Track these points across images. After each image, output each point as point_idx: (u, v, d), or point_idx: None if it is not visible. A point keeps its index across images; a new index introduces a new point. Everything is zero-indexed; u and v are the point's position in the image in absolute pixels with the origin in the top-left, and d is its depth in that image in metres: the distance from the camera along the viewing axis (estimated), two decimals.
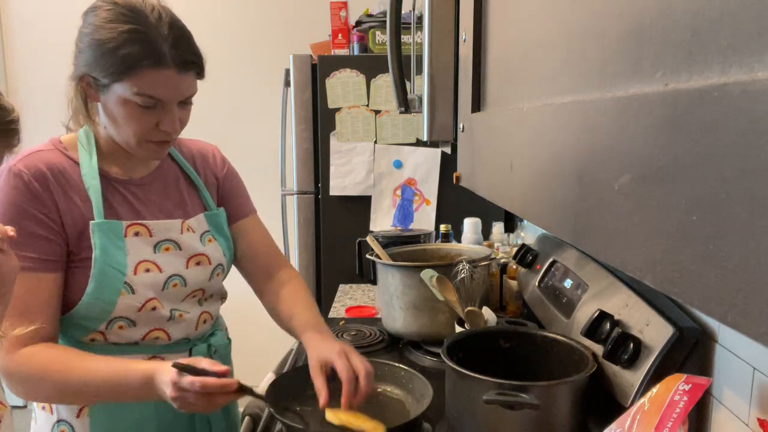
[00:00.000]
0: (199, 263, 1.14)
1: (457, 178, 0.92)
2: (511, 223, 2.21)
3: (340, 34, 2.31)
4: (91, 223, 1.03)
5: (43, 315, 0.99)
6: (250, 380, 1.24)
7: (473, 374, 0.91)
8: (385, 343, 1.52)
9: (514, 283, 1.62)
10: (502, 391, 0.87)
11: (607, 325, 0.95)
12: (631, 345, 0.89)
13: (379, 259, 1.53)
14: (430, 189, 2.22)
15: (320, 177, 2.25)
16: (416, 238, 1.83)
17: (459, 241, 1.88)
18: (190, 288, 1.13)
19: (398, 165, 2.21)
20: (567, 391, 0.92)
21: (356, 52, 2.28)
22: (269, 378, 1.25)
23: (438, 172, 2.20)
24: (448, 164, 2.18)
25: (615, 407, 0.89)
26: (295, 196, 2.29)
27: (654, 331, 0.88)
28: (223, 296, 1.26)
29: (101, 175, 1.07)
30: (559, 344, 1.05)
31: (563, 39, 0.46)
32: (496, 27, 0.70)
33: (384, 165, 2.21)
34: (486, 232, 2.01)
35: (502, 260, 1.70)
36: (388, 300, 1.49)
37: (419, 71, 1.02)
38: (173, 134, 1.05)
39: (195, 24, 1.12)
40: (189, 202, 1.18)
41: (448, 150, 1.14)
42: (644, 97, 0.31)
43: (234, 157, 1.33)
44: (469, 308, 1.29)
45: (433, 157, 2.19)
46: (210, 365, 0.93)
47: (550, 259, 1.41)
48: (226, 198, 1.26)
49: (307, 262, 2.30)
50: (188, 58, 1.00)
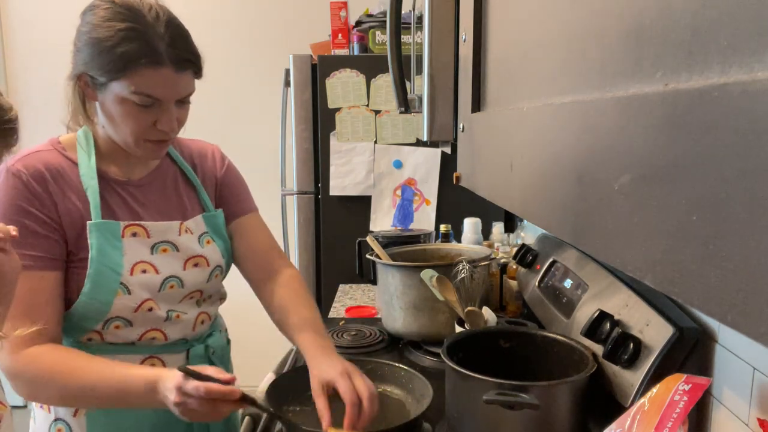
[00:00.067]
0: (197, 265, 1.14)
1: (457, 178, 0.92)
2: (511, 223, 2.21)
3: (340, 34, 2.31)
4: (88, 223, 1.03)
5: (46, 313, 0.99)
6: (250, 380, 1.24)
7: (473, 374, 0.91)
8: (385, 343, 1.52)
9: (514, 283, 1.62)
10: (502, 391, 0.87)
11: (607, 325, 0.95)
12: (631, 345, 0.89)
13: (379, 259, 1.53)
14: (430, 189, 2.22)
15: (320, 177, 2.25)
16: (416, 238, 1.83)
17: (459, 241, 1.88)
18: (188, 289, 1.13)
19: (398, 165, 2.21)
20: (567, 391, 0.92)
21: (356, 52, 2.28)
22: (269, 378, 1.25)
23: (438, 172, 2.20)
24: (448, 164, 2.18)
25: (615, 407, 0.89)
26: (295, 196, 2.29)
27: (654, 331, 0.88)
28: (223, 297, 1.26)
29: (99, 176, 1.07)
30: (559, 344, 1.05)
31: (563, 39, 0.46)
32: (496, 27, 0.70)
33: (384, 165, 2.21)
34: (486, 232, 2.01)
35: (502, 260, 1.70)
36: (388, 300, 1.49)
37: (419, 71, 1.02)
38: (171, 133, 1.05)
39: (194, 24, 1.12)
40: (188, 203, 1.18)
41: (448, 150, 1.14)
42: (644, 97, 0.31)
43: (234, 157, 1.32)
44: (469, 308, 1.29)
45: (433, 157, 2.19)
46: (216, 373, 0.93)
47: (550, 259, 1.41)
48: (225, 196, 1.25)
49: (307, 262, 2.30)
50: (185, 57, 1.00)
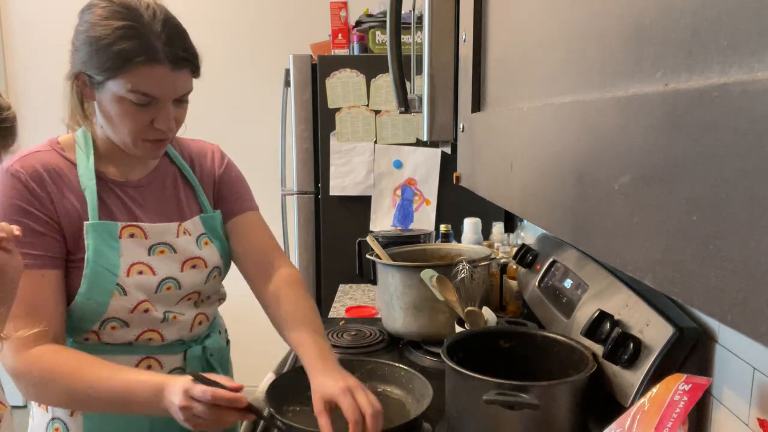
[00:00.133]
0: (194, 266, 1.14)
1: (457, 178, 0.92)
2: (511, 223, 2.21)
3: (340, 34, 2.31)
4: (85, 223, 1.03)
5: (48, 311, 0.99)
6: (250, 380, 1.24)
7: (473, 374, 0.91)
8: (385, 343, 1.52)
9: (514, 283, 1.62)
10: (502, 391, 0.87)
11: (607, 325, 0.95)
12: (631, 345, 0.89)
13: (379, 259, 1.53)
14: (430, 189, 2.22)
15: (320, 177, 2.25)
16: (416, 238, 1.83)
17: (459, 241, 1.88)
18: (185, 291, 1.13)
19: (398, 165, 2.21)
20: (567, 391, 0.92)
21: (356, 52, 2.28)
22: (269, 378, 1.25)
23: (438, 172, 2.20)
24: (448, 164, 2.18)
25: (615, 407, 0.89)
26: (295, 196, 2.29)
27: (654, 331, 0.88)
28: (222, 297, 1.26)
29: (98, 177, 1.07)
30: (559, 344, 1.05)
31: (563, 39, 0.46)
32: (496, 27, 0.70)
33: (384, 165, 2.21)
34: (486, 232, 2.01)
35: (502, 260, 1.70)
36: (388, 300, 1.49)
37: (419, 71, 1.02)
38: (169, 133, 1.05)
39: (195, 24, 1.12)
40: (186, 204, 1.17)
41: (448, 150, 1.14)
42: (644, 97, 0.31)
43: (234, 157, 1.32)
44: (469, 308, 1.29)
45: (433, 157, 2.19)
46: (225, 381, 0.93)
47: (550, 259, 1.41)
48: (224, 194, 1.23)
49: (307, 262, 2.30)
50: (182, 55, 0.99)
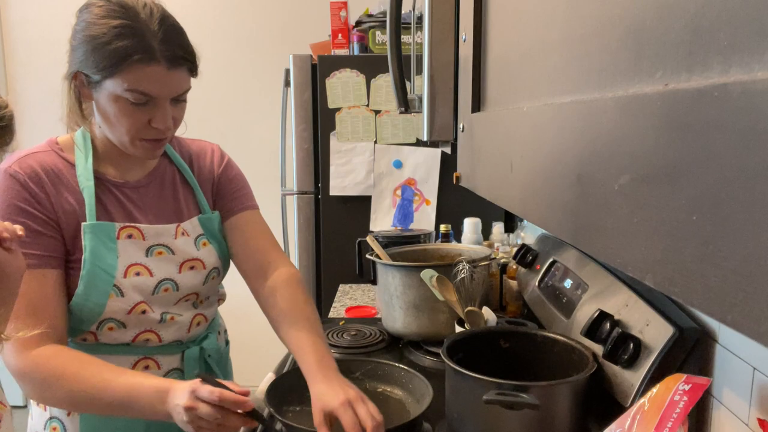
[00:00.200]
0: (192, 267, 1.13)
1: (457, 178, 0.92)
2: (511, 223, 2.21)
3: (340, 34, 2.31)
4: (82, 224, 1.03)
5: (51, 311, 0.99)
6: (250, 380, 1.24)
7: (473, 374, 0.91)
8: (385, 343, 1.52)
9: (514, 283, 1.62)
10: (502, 391, 0.87)
11: (607, 325, 0.95)
12: (631, 345, 0.89)
13: (379, 259, 1.53)
14: (430, 189, 2.22)
15: (320, 177, 2.25)
16: (416, 238, 1.83)
17: (459, 241, 1.88)
18: (183, 292, 1.13)
19: (398, 165, 2.21)
20: (567, 391, 0.92)
21: (356, 52, 2.28)
22: (269, 378, 1.25)
23: (438, 172, 2.20)
24: (448, 164, 2.18)
25: (615, 407, 0.89)
26: (295, 196, 2.29)
27: (654, 331, 0.88)
28: (222, 297, 1.25)
29: (96, 177, 1.07)
30: (559, 344, 1.05)
31: (563, 39, 0.46)
32: (496, 27, 0.70)
33: (384, 165, 2.21)
34: (486, 232, 2.01)
35: (502, 260, 1.70)
36: (388, 300, 1.49)
37: (419, 71, 1.01)
38: (166, 132, 1.04)
39: (194, 24, 1.12)
40: (185, 205, 1.17)
41: (448, 150, 1.14)
42: (644, 97, 0.31)
43: (234, 157, 1.32)
44: (469, 308, 1.29)
45: (433, 157, 2.19)
46: (232, 386, 0.93)
47: (550, 259, 1.41)
48: (223, 192, 1.22)
49: (307, 262, 2.30)
50: (179, 54, 0.99)
